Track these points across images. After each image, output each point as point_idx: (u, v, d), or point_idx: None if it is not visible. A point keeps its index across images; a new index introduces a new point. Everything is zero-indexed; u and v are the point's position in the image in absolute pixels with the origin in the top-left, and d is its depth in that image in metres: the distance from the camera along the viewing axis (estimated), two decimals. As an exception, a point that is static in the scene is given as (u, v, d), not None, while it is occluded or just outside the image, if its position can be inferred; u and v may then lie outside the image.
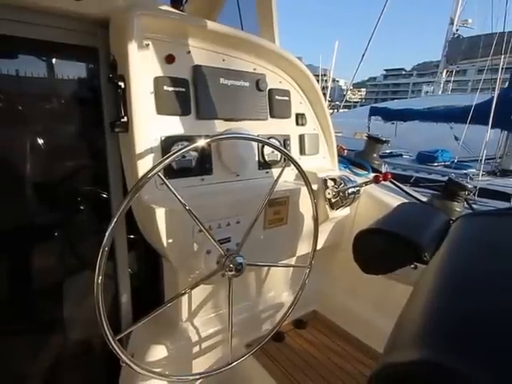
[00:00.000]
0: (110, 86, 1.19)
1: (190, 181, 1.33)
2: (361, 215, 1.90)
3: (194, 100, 1.34)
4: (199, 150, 1.33)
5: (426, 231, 1.04)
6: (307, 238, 1.69)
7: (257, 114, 1.54)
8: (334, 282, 2.04)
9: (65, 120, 1.32)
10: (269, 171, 1.60)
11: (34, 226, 1.32)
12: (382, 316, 1.80)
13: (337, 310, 2.00)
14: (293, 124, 1.71)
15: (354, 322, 1.90)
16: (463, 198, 1.88)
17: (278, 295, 1.87)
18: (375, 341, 1.79)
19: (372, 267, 1.05)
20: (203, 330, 1.53)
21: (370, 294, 1.86)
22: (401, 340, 0.42)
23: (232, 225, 1.34)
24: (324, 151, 1.87)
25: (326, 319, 2.00)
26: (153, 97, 1.23)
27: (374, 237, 1.02)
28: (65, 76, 1.27)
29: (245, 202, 1.38)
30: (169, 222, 1.16)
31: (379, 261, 1.03)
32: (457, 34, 16.27)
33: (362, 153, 2.26)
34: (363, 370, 1.65)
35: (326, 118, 1.81)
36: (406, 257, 0.98)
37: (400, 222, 1.08)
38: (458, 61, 16.63)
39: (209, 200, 1.29)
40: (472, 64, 18.92)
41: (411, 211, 1.26)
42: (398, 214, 1.22)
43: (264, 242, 1.51)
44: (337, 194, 1.65)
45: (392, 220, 1.12)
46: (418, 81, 51.42)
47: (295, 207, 1.60)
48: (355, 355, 1.74)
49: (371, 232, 1.02)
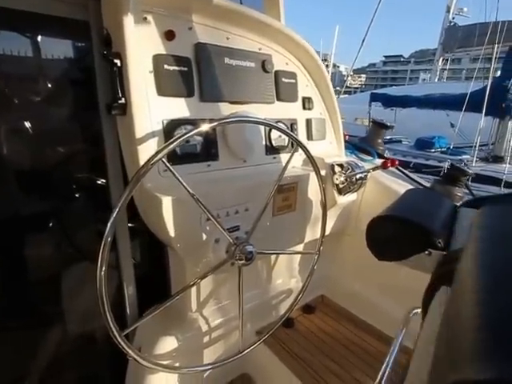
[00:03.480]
0: (105, 64, 1.07)
1: (196, 167, 1.23)
2: (367, 201, 1.81)
3: (197, 81, 1.22)
4: (204, 135, 1.23)
5: (436, 217, 0.97)
6: (315, 224, 1.61)
7: (263, 97, 1.43)
8: (340, 266, 1.98)
9: (55, 102, 1.19)
10: (276, 157, 1.51)
11: (26, 215, 1.21)
12: (389, 299, 1.74)
13: (344, 294, 1.94)
14: (299, 108, 1.61)
15: (361, 305, 1.85)
16: (464, 183, 1.81)
17: (287, 282, 1.80)
18: (383, 323, 1.75)
19: (386, 254, 0.98)
20: (212, 320, 1.46)
21: (377, 277, 1.80)
22: (462, 352, 0.33)
23: (240, 213, 1.26)
24: (331, 136, 1.77)
25: (334, 303, 1.95)
26: (152, 76, 1.11)
27: (387, 224, 0.94)
28: (54, 54, 1.12)
29: (253, 189, 1.28)
30: (175, 211, 1.06)
31: (393, 248, 0.95)
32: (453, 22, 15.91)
33: (367, 138, 2.16)
34: (373, 352, 1.62)
35: (332, 101, 1.70)
36: (419, 243, 0.90)
37: (412, 209, 1.01)
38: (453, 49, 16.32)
39: (216, 187, 1.20)
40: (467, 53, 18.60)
41: (419, 198, 1.17)
42: (408, 200, 1.13)
43: (272, 230, 1.42)
44: (344, 180, 1.56)
45: (403, 207, 1.04)
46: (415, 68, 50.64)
47: (303, 193, 1.51)
48: (364, 338, 1.70)
49: (384, 219, 0.94)
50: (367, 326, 1.76)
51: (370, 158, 2.02)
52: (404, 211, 0.96)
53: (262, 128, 1.41)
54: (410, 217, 0.91)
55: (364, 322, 1.80)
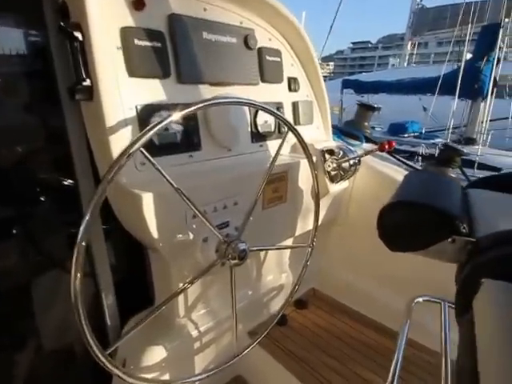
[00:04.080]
0: (62, 38, 0.90)
1: (177, 158, 1.09)
2: (358, 188, 1.72)
3: (173, 59, 1.06)
4: (184, 122, 1.09)
5: (452, 201, 0.88)
6: (307, 215, 1.51)
7: (247, 77, 1.29)
8: (331, 257, 1.90)
9: (4, 91, 0.99)
10: (263, 144, 1.38)
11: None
12: (385, 289, 1.68)
13: (335, 285, 1.86)
14: (285, 90, 1.47)
15: (355, 296, 1.78)
16: (458, 163, 1.75)
17: (277, 277, 1.70)
18: (379, 314, 1.68)
19: (401, 245, 0.88)
20: (202, 324, 1.33)
21: (370, 267, 1.73)
22: None
23: (229, 207, 1.13)
24: (318, 120, 1.65)
25: (326, 296, 1.87)
26: (121, 54, 0.94)
27: (404, 210, 0.84)
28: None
29: (242, 181, 1.16)
30: (157, 208, 0.92)
31: (410, 237, 0.85)
32: (420, 4, 16.03)
33: (353, 122, 2.07)
34: (372, 345, 1.56)
35: (319, 82, 1.58)
36: (442, 230, 0.81)
37: (426, 194, 0.91)
38: (423, 32, 16.54)
39: (201, 180, 1.06)
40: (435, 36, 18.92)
41: (426, 181, 1.08)
42: (415, 184, 1.04)
43: (263, 224, 1.30)
44: (337, 167, 1.46)
45: (414, 191, 0.94)
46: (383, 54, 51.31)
47: (294, 183, 1.39)
48: (361, 330, 1.64)
49: (400, 205, 0.84)
50: (363, 318, 1.70)
51: (358, 142, 1.93)
52: (419, 196, 0.86)
53: (246, 113, 1.28)
54: (429, 201, 0.82)
55: (359, 313, 1.73)
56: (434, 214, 0.81)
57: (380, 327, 1.64)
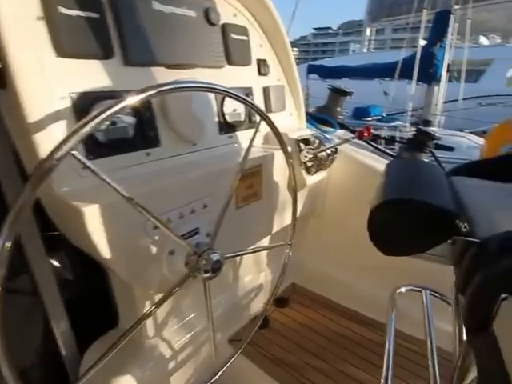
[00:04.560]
0: None
1: (130, 158, 0.90)
2: (335, 177, 1.61)
3: (116, 34, 0.86)
4: (137, 113, 0.90)
5: (445, 195, 0.77)
6: (284, 210, 1.37)
7: (210, 58, 1.11)
8: (309, 250, 1.79)
9: None
10: (232, 136, 1.21)
11: None
12: (367, 279, 1.60)
13: (317, 279, 1.76)
14: (254, 73, 1.30)
15: (335, 288, 1.70)
16: (430, 147, 1.68)
17: (256, 278, 1.56)
18: (359, 304, 1.62)
19: (396, 249, 0.76)
20: (176, 341, 1.18)
21: (350, 258, 1.65)
22: None
23: (198, 211, 0.96)
24: (291, 107, 1.50)
25: (307, 291, 1.76)
26: (43, 26, 0.72)
27: (398, 210, 0.71)
28: None
29: (211, 180, 0.99)
30: (106, 222, 0.74)
31: (407, 240, 0.73)
32: (378, -9, 16.19)
33: (325, 107, 1.93)
34: (358, 340, 1.48)
35: (290, 65, 1.43)
36: (442, 231, 0.69)
37: (418, 188, 0.78)
38: (380, 19, 16.77)
39: (162, 182, 0.88)
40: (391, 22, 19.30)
41: (411, 171, 0.96)
42: (402, 176, 0.92)
43: (237, 225, 1.15)
44: (314, 157, 1.32)
45: (403, 186, 0.82)
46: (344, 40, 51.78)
47: (269, 177, 1.24)
48: (346, 325, 1.56)
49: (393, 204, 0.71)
50: (346, 311, 1.61)
51: (332, 129, 1.81)
52: (411, 192, 0.74)
53: (212, 100, 1.10)
54: (425, 198, 0.70)
55: (342, 306, 1.65)
56: (432, 212, 0.69)
57: (364, 319, 1.57)
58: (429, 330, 1.08)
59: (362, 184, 1.56)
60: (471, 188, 0.89)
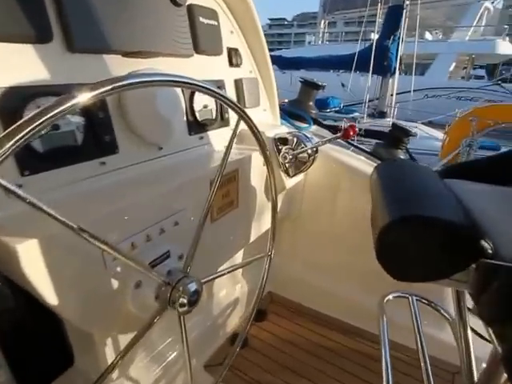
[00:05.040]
0: None
1: (79, 170, 0.71)
2: (313, 178, 1.49)
3: (55, 11, 0.66)
4: (86, 113, 0.70)
5: (459, 208, 0.67)
6: (261, 217, 1.24)
7: (176, 46, 0.92)
8: (285, 256, 1.68)
9: None
10: (204, 136, 1.04)
11: None
12: (345, 284, 1.52)
13: (294, 286, 1.65)
14: (225, 64, 1.14)
15: (314, 295, 1.60)
16: (406, 144, 1.63)
17: (232, 290, 1.42)
18: (341, 312, 1.54)
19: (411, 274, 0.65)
20: (148, 374, 1.01)
21: (330, 263, 1.56)
22: None
23: (168, 230, 0.79)
24: (264, 102, 1.36)
25: (285, 300, 1.65)
26: None
27: (414, 230, 0.59)
28: None
29: (183, 191, 0.83)
30: (50, 260, 0.55)
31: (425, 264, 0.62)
32: (332, -16, 16.38)
33: (297, 101, 1.81)
34: (344, 353, 1.38)
35: (264, 55, 1.27)
36: (466, 254, 0.59)
37: (430, 202, 0.67)
38: (334, 11, 17.01)
39: (122, 199, 0.70)
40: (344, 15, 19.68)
41: (407, 177, 0.86)
42: (401, 185, 0.81)
43: (212, 240, 1.00)
44: (293, 158, 1.19)
45: (408, 197, 0.70)
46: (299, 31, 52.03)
47: (246, 183, 1.10)
48: (329, 336, 1.46)
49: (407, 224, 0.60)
50: (329, 320, 1.52)
51: (305, 125, 1.69)
52: (424, 206, 0.63)
53: (179, 96, 0.92)
54: (442, 214, 0.59)
55: (324, 315, 1.55)
56: (455, 232, 0.58)
57: (348, 328, 1.49)
58: (420, 339, 1.01)
59: (342, 184, 1.47)
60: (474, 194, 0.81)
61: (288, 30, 55.96)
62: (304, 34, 40.22)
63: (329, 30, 22.43)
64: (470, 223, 0.59)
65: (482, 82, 12.67)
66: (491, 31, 14.05)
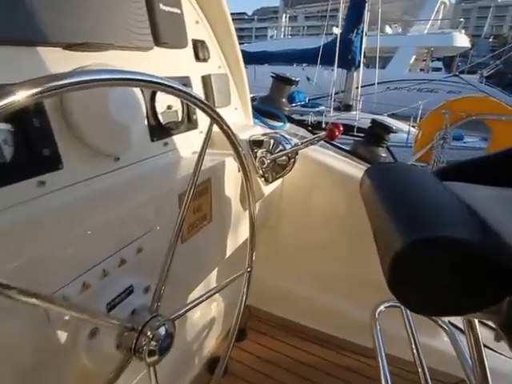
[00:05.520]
0: None
1: (9, 194, 0.56)
2: (291, 182, 1.40)
3: None
4: (18, 120, 0.56)
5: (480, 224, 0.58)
6: (238, 229, 1.14)
7: (131, 36, 0.78)
8: (263, 265, 1.57)
9: None
10: (168, 142, 0.91)
11: None
12: (330, 294, 1.45)
13: (275, 298, 1.56)
14: (191, 58, 1.01)
15: (295, 307, 1.51)
16: (387, 141, 1.58)
17: (207, 311, 1.30)
18: (327, 324, 1.45)
19: (435, 307, 0.55)
20: None
21: (307, 270, 1.48)
22: None
23: (130, 260, 0.67)
24: (236, 100, 1.24)
25: (266, 314, 1.55)
26: None
27: (439, 256, 0.50)
28: None
29: (146, 209, 0.70)
30: None
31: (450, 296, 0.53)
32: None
33: (269, 98, 1.71)
34: (326, 367, 1.30)
35: (234, 48, 1.16)
36: (498, 285, 0.50)
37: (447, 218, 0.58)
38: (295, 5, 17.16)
39: (66, 229, 0.56)
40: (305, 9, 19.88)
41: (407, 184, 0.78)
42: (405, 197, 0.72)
43: (184, 261, 0.88)
44: (272, 163, 1.09)
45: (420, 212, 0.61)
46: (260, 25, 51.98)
47: (220, 193, 0.98)
48: (311, 350, 1.38)
49: (428, 247, 0.50)
50: (314, 334, 1.44)
51: (280, 123, 1.59)
52: (446, 224, 0.54)
53: (138, 95, 0.78)
54: (469, 235, 0.50)
55: (308, 328, 1.46)
56: (484, 258, 0.49)
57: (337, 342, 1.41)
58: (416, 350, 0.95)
59: (322, 187, 1.39)
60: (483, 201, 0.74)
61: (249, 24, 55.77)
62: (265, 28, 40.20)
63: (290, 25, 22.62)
64: (496, 243, 0.51)
65: (440, 74, 13.28)
66: (447, 24, 14.78)
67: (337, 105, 9.71)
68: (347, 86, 9.45)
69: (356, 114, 8.29)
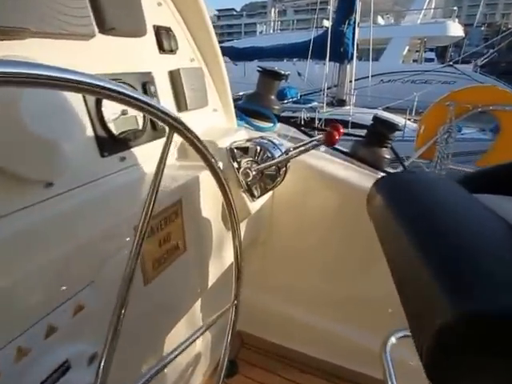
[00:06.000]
0: None
1: None
2: (283, 191, 1.22)
3: None
4: None
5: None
6: (221, 254, 0.97)
7: (65, 20, 0.60)
8: (255, 285, 1.41)
9: None
10: (126, 156, 0.73)
11: None
12: (322, 315, 1.29)
13: (265, 321, 1.39)
14: (153, 49, 0.83)
15: (289, 331, 1.35)
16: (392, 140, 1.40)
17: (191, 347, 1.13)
18: (325, 351, 1.29)
19: None
20: None
21: (304, 290, 1.32)
22: None
23: (64, 325, 0.50)
24: (214, 99, 1.07)
25: (259, 340, 1.38)
26: None
27: (501, 335, 0.34)
28: None
29: (87, 252, 0.53)
30: None
31: None
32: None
33: (255, 96, 1.52)
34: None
35: (209, 37, 0.98)
36: None
37: None
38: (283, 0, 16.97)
39: None
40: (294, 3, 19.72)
41: (438, 203, 0.61)
42: (443, 224, 0.55)
43: (151, 304, 0.71)
44: (259, 174, 0.91)
45: (468, 265, 0.44)
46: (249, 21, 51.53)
47: (195, 215, 0.81)
48: (308, 382, 1.19)
49: (491, 322, 0.34)
50: (315, 364, 1.27)
51: (269, 124, 1.42)
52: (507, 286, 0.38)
53: (72, 99, 0.60)
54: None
55: (309, 357, 1.30)
56: None
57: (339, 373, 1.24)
58: None
59: (318, 195, 1.22)
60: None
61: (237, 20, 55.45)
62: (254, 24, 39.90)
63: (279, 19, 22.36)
64: None
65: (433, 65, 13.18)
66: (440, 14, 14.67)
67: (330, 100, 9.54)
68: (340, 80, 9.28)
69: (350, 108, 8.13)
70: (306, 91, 10.00)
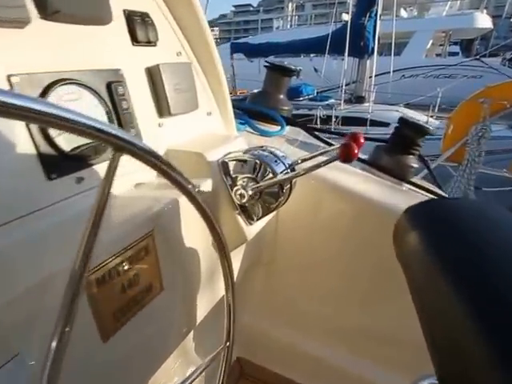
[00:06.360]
0: None
1: None
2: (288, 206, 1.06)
3: None
4: None
5: None
6: (212, 287, 0.82)
7: None
8: (256, 309, 1.26)
9: None
10: (85, 176, 0.58)
11: None
12: (328, 346, 1.13)
13: (271, 349, 1.24)
14: (123, 40, 0.68)
15: (293, 360, 1.20)
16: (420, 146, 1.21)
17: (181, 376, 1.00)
18: (326, 379, 1.12)
19: None
20: None
21: (307, 318, 1.18)
22: None
23: None
24: (208, 101, 0.91)
25: (257, 367, 1.24)
26: None
27: None
28: None
29: (15, 309, 0.38)
30: None
31: None
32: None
33: (262, 94, 1.36)
34: None
35: (200, 27, 0.82)
36: None
37: None
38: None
39: None
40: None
41: (499, 256, 0.44)
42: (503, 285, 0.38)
43: (116, 356, 0.57)
44: (257, 194, 0.75)
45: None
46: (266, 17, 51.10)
47: (175, 245, 0.67)
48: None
49: None
50: None
51: (276, 128, 1.25)
52: None
53: None
54: None
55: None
56: None
57: None
58: None
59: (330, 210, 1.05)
60: None
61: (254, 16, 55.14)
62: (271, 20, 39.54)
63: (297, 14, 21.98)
64: None
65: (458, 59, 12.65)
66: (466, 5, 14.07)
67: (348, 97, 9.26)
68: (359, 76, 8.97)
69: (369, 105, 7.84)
70: (323, 88, 9.75)
